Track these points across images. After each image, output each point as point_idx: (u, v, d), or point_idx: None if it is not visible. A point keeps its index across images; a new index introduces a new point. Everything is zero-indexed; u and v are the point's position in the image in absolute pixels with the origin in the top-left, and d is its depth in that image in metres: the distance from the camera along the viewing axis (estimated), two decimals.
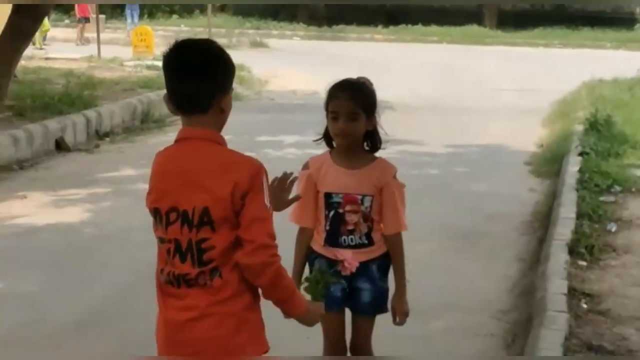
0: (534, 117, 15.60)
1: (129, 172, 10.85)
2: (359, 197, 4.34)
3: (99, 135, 13.09)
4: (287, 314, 3.42)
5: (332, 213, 4.38)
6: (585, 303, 6.37)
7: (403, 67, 23.91)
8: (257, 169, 3.23)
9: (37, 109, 12.83)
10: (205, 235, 3.19)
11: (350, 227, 4.36)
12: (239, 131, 13.98)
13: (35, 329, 6.05)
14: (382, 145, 4.47)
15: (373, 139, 4.41)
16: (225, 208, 3.17)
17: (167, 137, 13.39)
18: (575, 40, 34.30)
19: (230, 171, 3.19)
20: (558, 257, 7.13)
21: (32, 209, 9.09)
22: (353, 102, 4.26)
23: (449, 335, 6.14)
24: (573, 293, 6.46)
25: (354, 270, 4.12)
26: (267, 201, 3.22)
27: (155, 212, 3.27)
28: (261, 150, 12.06)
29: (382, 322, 4.60)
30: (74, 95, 14.17)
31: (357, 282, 4.43)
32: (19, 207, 9.15)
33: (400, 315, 4.52)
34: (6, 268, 7.29)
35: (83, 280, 7.00)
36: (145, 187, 3.36)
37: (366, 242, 4.39)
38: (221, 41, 23.67)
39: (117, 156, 11.97)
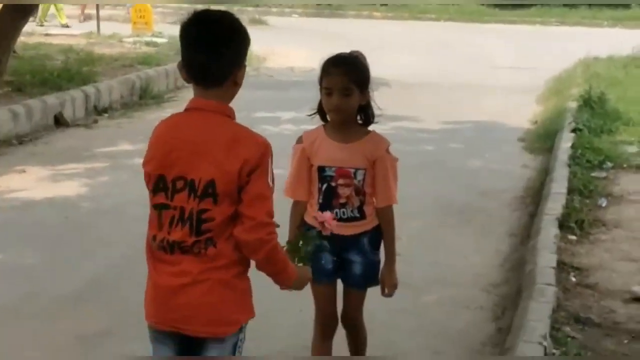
0: (529, 95, 15.67)
1: (126, 147, 10.93)
2: (352, 170, 4.39)
3: (97, 111, 13.14)
4: (279, 284, 3.49)
5: (324, 186, 4.43)
6: (574, 276, 6.47)
7: (400, 45, 23.92)
8: (265, 148, 3.26)
9: (37, 85, 12.87)
10: (206, 207, 3.22)
11: (342, 200, 4.41)
12: (237, 107, 13.85)
13: (34, 300, 6.14)
14: (377, 121, 4.52)
15: (366, 113, 4.46)
16: (230, 182, 3.20)
17: (165, 112, 13.45)
18: (572, 19, 34.23)
19: (240, 147, 3.21)
20: (548, 232, 7.23)
21: (31, 183, 9.16)
22: (346, 77, 4.29)
23: (440, 308, 6.25)
24: (562, 267, 6.57)
25: (334, 230, 4.10)
26: (270, 180, 3.27)
27: (159, 179, 3.28)
28: (259, 126, 12.11)
29: (375, 295, 4.66)
30: (73, 71, 14.20)
31: (349, 255, 4.49)
32: (18, 181, 9.23)
33: (389, 287, 4.57)
34: (5, 241, 7.37)
35: (80, 253, 7.09)
36: (140, 162, 3.39)
37: (358, 215, 4.44)
38: None
39: (115, 131, 12.03)
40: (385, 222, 4.50)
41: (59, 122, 12.09)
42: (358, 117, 4.46)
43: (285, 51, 21.12)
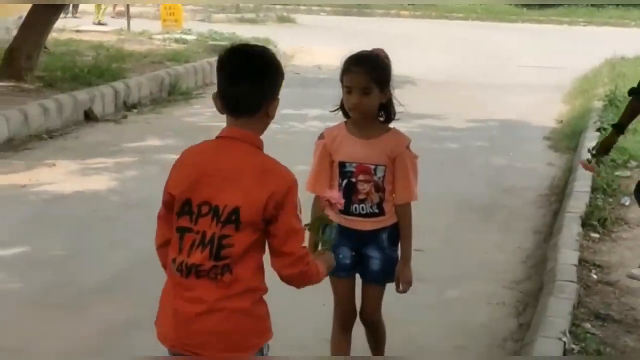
0: (555, 94, 15.67)
1: (155, 142, 11.04)
2: (372, 166, 4.44)
3: (126, 107, 13.26)
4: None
5: (345, 182, 4.48)
6: (595, 274, 6.53)
7: (427, 43, 23.92)
8: (292, 182, 3.31)
9: (67, 80, 13.00)
10: (228, 232, 3.25)
11: (361, 196, 4.46)
12: None
13: (63, 291, 6.26)
14: (399, 118, 4.55)
15: (387, 111, 4.49)
16: (255, 212, 3.24)
17: (193, 109, 13.63)
18: (600, 18, 34.10)
19: (268, 178, 3.27)
20: (571, 229, 7.28)
21: (61, 176, 9.28)
22: (367, 76, 4.33)
23: (462, 304, 6.31)
24: (584, 264, 6.63)
25: (341, 206, 4.15)
26: (298, 212, 3.33)
27: (185, 203, 3.32)
28: (286, 123, 12.22)
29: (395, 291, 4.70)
30: (103, 67, 14.32)
31: (367, 250, 4.54)
32: (48, 174, 9.34)
33: (404, 284, 4.59)
34: (35, 233, 7.49)
35: (108, 245, 7.20)
36: (170, 157, 3.47)
37: (377, 211, 4.49)
38: (249, 16, 23.78)
39: (144, 127, 12.15)
40: (403, 219, 4.54)
41: (89, 117, 12.22)
42: (379, 114, 4.50)
43: (312, 49, 21.18)
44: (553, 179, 9.76)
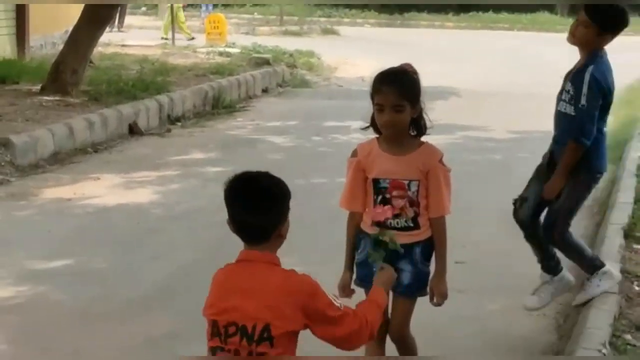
0: None
1: (198, 155, 11.12)
2: (406, 182, 4.47)
3: (170, 120, 13.40)
4: None
5: (379, 198, 4.51)
6: (637, 285, 6.47)
7: (472, 54, 23.88)
8: (313, 287, 3.50)
9: (112, 94, 13.16)
10: (263, 350, 3.42)
11: (396, 212, 4.48)
12: (308, 116, 14.24)
13: (104, 303, 6.33)
14: (445, 131, 4.64)
15: (418, 125, 4.52)
16: (285, 325, 3.42)
17: (236, 122, 13.73)
18: None
19: (291, 289, 3.45)
20: (613, 241, 7.24)
21: (105, 190, 9.39)
22: (398, 94, 4.36)
23: (502, 316, 6.29)
24: (626, 275, 6.57)
25: (389, 215, 4.31)
26: (332, 299, 3.55)
27: (214, 324, 3.50)
28: (328, 135, 12.29)
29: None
30: (147, 80, 14.50)
31: (400, 264, 4.53)
32: (92, 188, 9.45)
33: (438, 297, 4.61)
34: (79, 246, 7.59)
35: (150, 258, 7.26)
36: (213, 170, 3.54)
37: (412, 225, 4.50)
38: (292, 29, 23.91)
39: (188, 140, 12.25)
40: (437, 232, 4.56)
41: (133, 130, 12.36)
42: (410, 129, 4.52)
43: (356, 61, 21.22)
44: (596, 190, 9.66)
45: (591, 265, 6.15)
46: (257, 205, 3.47)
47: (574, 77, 5.96)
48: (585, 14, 5.83)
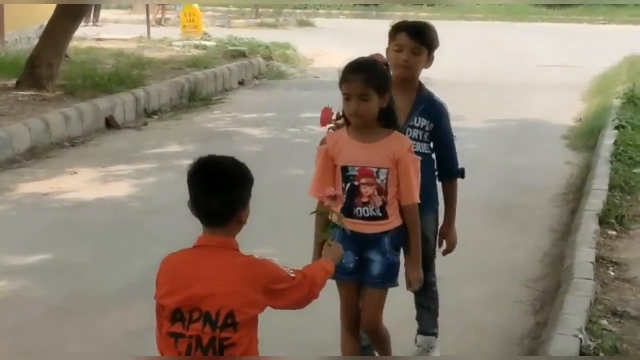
0: (574, 93, 15.66)
1: (174, 148, 11.15)
2: (374, 170, 4.46)
3: (147, 113, 13.37)
4: None
5: (348, 185, 4.50)
6: (613, 271, 6.54)
7: (446, 45, 23.75)
8: (274, 270, 3.53)
9: (88, 88, 13.10)
10: (227, 335, 3.43)
11: (364, 199, 4.47)
12: (284, 108, 14.26)
13: (84, 297, 6.35)
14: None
15: (387, 116, 4.52)
16: (249, 311, 3.45)
17: (213, 114, 13.73)
18: (620, 17, 34.02)
19: (252, 274, 3.46)
20: (588, 227, 7.30)
21: (82, 184, 9.39)
22: (364, 83, 4.37)
23: (480, 303, 6.35)
24: (601, 261, 6.64)
25: (341, 199, 4.24)
26: (287, 272, 3.57)
27: (176, 311, 3.48)
28: (304, 126, 12.31)
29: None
30: (123, 74, 14.44)
31: (369, 254, 4.56)
32: (70, 182, 9.45)
33: (415, 283, 4.66)
34: (56, 240, 7.59)
35: (129, 252, 7.28)
36: (190, 162, 3.54)
37: (380, 214, 4.50)
38: (268, 21, 23.87)
39: (164, 133, 12.24)
40: (409, 219, 4.57)
41: (110, 124, 12.33)
42: (380, 120, 4.51)
43: (331, 52, 21.21)
44: (570, 178, 9.78)
45: None
46: (218, 187, 3.46)
47: None
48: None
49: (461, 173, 5.22)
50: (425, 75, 5.09)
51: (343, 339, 4.85)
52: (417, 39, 4.85)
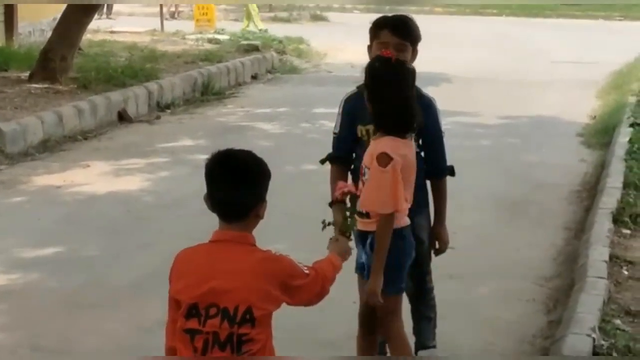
0: (589, 89, 15.59)
1: (187, 142, 11.13)
2: (365, 168, 4.41)
3: (160, 107, 13.36)
4: None
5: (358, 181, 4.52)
6: (627, 270, 6.50)
7: (462, 40, 23.86)
8: (286, 260, 3.51)
9: (101, 81, 13.09)
10: (245, 331, 3.40)
11: (358, 193, 4.37)
12: (297, 103, 14.23)
13: (95, 290, 6.35)
14: None
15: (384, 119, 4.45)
16: (267, 306, 3.43)
17: (226, 109, 13.72)
18: (636, 13, 33.86)
19: (267, 269, 3.44)
20: (602, 225, 7.26)
21: (94, 177, 9.39)
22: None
23: (493, 301, 6.31)
24: (615, 260, 6.60)
25: (343, 189, 4.20)
26: (302, 268, 3.54)
27: (192, 307, 3.44)
28: (317, 122, 12.29)
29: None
30: (136, 68, 14.44)
31: (360, 252, 4.54)
32: (82, 175, 9.45)
33: (370, 296, 4.43)
34: (69, 233, 7.59)
35: (140, 245, 7.27)
36: (201, 157, 3.51)
37: (364, 212, 4.38)
38: (282, 15, 23.83)
39: (177, 127, 12.23)
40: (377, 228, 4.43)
41: (123, 118, 12.33)
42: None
43: (345, 47, 21.17)
44: (585, 175, 9.73)
45: None
46: (237, 181, 3.43)
47: None
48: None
49: (451, 170, 5.04)
50: (441, 72, 5.05)
51: (359, 339, 4.79)
52: (401, 35, 4.73)
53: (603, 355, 5.09)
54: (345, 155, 4.76)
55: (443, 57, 18.15)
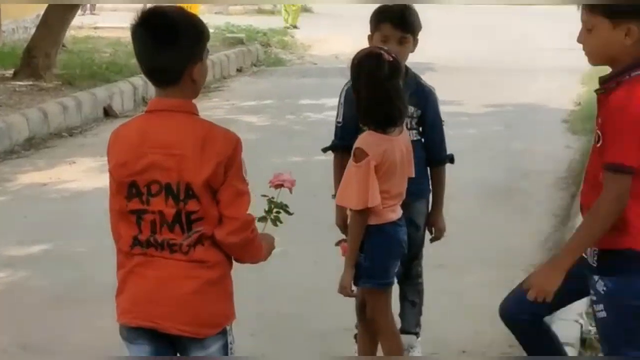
0: (574, 76, 15.56)
1: None
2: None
3: (145, 102, 13.23)
4: (246, 262, 3.46)
5: None
6: None
7: (445, 28, 23.81)
8: (236, 143, 3.24)
9: (86, 78, 13.09)
10: (193, 208, 3.17)
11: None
12: (282, 95, 14.22)
13: (81, 287, 6.36)
14: None
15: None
16: (208, 182, 3.16)
17: (211, 102, 13.69)
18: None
19: (212, 145, 3.18)
20: None
21: (81, 174, 9.37)
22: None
23: (481, 289, 6.31)
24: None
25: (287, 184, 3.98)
26: (244, 175, 3.25)
27: (131, 185, 3.22)
28: (302, 114, 12.28)
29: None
30: (121, 63, 14.43)
31: None
32: (68, 172, 9.44)
33: (342, 289, 4.45)
34: (54, 230, 7.58)
35: None
36: None
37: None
38: (266, 7, 23.63)
39: None
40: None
41: (108, 113, 12.31)
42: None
43: (330, 38, 21.17)
44: (571, 162, 9.75)
45: None
46: (163, 41, 3.15)
47: None
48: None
49: (450, 159, 5.08)
50: (428, 62, 5.08)
51: (359, 336, 4.81)
52: (403, 28, 4.75)
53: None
54: (348, 144, 4.74)
55: (427, 45, 18.10)
